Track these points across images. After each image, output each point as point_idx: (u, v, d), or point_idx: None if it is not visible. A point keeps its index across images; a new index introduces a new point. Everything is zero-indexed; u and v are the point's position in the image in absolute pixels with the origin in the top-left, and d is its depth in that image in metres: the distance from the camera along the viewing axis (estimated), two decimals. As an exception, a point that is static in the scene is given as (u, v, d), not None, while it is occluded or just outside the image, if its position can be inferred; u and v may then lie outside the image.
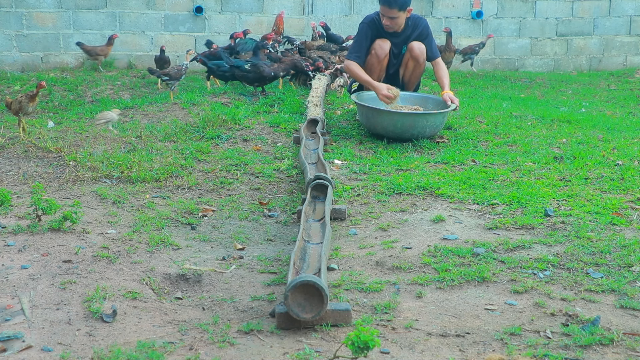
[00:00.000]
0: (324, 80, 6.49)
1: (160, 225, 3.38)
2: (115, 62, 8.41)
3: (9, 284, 2.55)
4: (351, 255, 3.01)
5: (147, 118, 5.76)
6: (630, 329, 2.26)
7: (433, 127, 4.95)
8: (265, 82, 6.37)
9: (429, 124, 4.91)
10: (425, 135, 4.95)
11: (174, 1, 8.49)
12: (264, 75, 6.27)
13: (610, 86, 8.59)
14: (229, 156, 4.63)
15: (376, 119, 4.98)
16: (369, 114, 5.04)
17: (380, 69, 5.39)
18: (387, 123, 4.93)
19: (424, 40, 5.40)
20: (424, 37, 5.40)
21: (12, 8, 8.04)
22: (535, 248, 2.99)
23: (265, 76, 6.27)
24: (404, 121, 4.90)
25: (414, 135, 4.91)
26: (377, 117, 4.97)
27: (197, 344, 2.16)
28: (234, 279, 2.77)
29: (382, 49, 5.32)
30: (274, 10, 8.75)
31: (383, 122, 4.95)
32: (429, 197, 3.77)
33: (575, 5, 9.67)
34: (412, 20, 5.36)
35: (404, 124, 4.89)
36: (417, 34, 5.37)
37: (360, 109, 5.20)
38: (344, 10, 8.94)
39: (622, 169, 4.18)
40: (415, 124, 4.88)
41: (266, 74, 6.26)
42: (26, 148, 4.70)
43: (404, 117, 4.91)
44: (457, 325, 2.32)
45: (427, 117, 4.92)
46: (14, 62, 8.10)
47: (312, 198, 3.50)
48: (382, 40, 5.33)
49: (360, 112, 5.21)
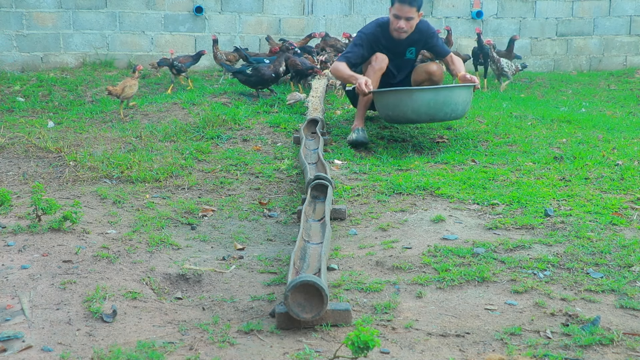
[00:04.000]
0: (324, 80, 6.49)
1: (160, 225, 3.38)
2: (115, 62, 8.40)
3: (9, 284, 2.55)
4: (351, 255, 3.01)
5: (147, 118, 5.76)
6: (630, 329, 2.26)
7: (465, 103, 4.70)
8: (267, 84, 6.41)
9: (461, 100, 4.66)
10: (457, 114, 4.71)
11: (174, 1, 8.49)
12: (265, 78, 6.31)
13: (610, 86, 8.59)
14: (229, 156, 4.63)
15: (406, 101, 4.62)
16: (397, 100, 4.66)
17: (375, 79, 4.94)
18: (419, 103, 4.59)
19: (431, 41, 5.11)
20: (429, 37, 5.08)
21: (12, 8, 8.03)
22: (535, 248, 2.99)
23: (267, 78, 6.31)
24: (437, 97, 4.59)
25: (447, 114, 4.66)
26: (407, 99, 4.62)
27: (197, 344, 2.16)
28: (234, 279, 2.77)
29: (379, 64, 4.97)
30: (274, 10, 8.76)
31: (414, 104, 4.59)
32: (429, 197, 3.77)
33: (575, 5, 9.67)
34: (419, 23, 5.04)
35: (437, 100, 4.59)
36: (418, 36, 5.02)
37: (381, 100, 4.80)
38: (344, 10, 8.94)
39: (622, 169, 4.18)
40: (448, 99, 4.60)
41: (267, 76, 6.30)
42: (26, 148, 4.70)
43: (436, 92, 4.63)
44: (457, 325, 2.32)
45: (459, 91, 4.67)
46: (14, 62, 8.10)
47: (312, 198, 3.50)
48: (381, 55, 4.99)
49: (383, 104, 4.80)
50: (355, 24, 8.91)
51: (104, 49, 8.40)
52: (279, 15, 8.80)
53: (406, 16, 4.84)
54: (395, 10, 4.87)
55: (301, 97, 6.08)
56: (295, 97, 6.10)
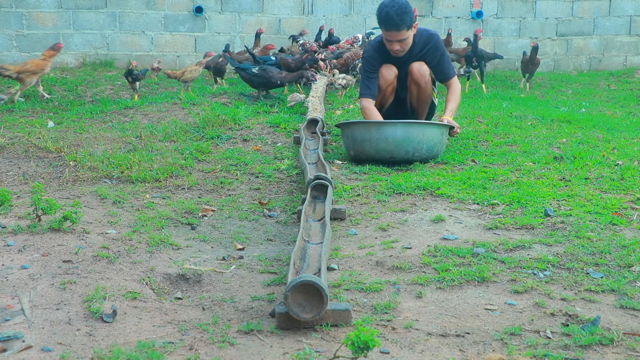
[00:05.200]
0: (324, 80, 6.50)
1: (160, 225, 3.38)
2: (115, 62, 8.41)
3: (9, 284, 2.55)
4: (351, 255, 3.01)
5: (147, 118, 5.76)
6: (630, 329, 2.26)
7: (430, 143, 4.41)
8: (270, 87, 6.43)
9: (425, 139, 4.39)
10: (422, 153, 4.42)
11: (174, 1, 8.49)
12: (271, 81, 6.32)
13: (610, 86, 8.59)
14: (229, 156, 4.63)
15: (364, 136, 4.41)
16: (354, 133, 4.47)
17: (382, 97, 4.85)
18: (376, 138, 4.38)
19: (435, 60, 4.79)
20: (433, 54, 4.78)
21: (12, 8, 8.04)
22: (535, 248, 2.99)
23: (273, 82, 6.33)
24: (396, 133, 4.35)
25: (409, 153, 4.39)
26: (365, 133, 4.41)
27: (197, 344, 2.16)
28: (234, 279, 2.77)
29: (385, 79, 4.78)
30: (274, 10, 8.76)
31: (373, 138, 4.39)
32: (429, 197, 3.77)
33: (575, 5, 9.67)
34: (420, 35, 4.76)
35: (396, 137, 4.35)
36: (425, 50, 4.77)
37: (343, 133, 4.61)
38: (344, 10, 8.94)
39: (622, 169, 4.18)
40: (408, 136, 4.35)
41: (274, 80, 6.31)
42: (26, 148, 4.70)
43: (395, 127, 4.37)
44: (457, 325, 2.32)
45: (423, 129, 4.41)
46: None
47: (312, 198, 3.50)
48: (386, 67, 4.79)
49: (345, 138, 4.60)
50: (355, 24, 8.92)
51: (104, 49, 8.40)
52: (279, 15, 8.80)
53: (398, 39, 4.59)
54: (385, 35, 4.64)
55: (301, 98, 6.14)
56: (296, 98, 6.17)
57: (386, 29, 4.57)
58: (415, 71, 4.76)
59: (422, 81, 4.77)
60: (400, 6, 4.48)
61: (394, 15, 4.48)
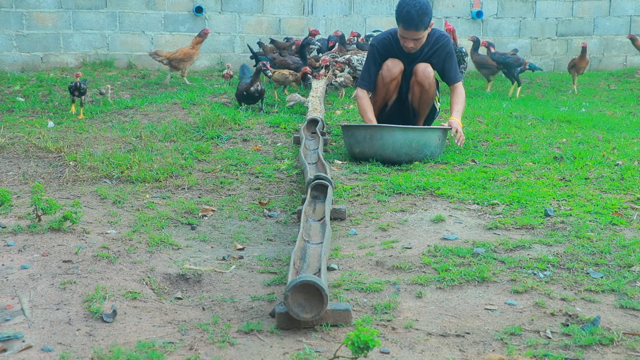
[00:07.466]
0: (324, 80, 6.50)
1: (160, 225, 3.38)
2: (115, 62, 8.41)
3: (9, 284, 2.55)
4: (351, 255, 3.01)
5: (147, 118, 5.76)
6: (630, 329, 2.26)
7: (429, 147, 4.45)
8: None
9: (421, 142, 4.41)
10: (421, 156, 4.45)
11: (174, 1, 8.49)
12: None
13: (610, 86, 8.60)
14: (229, 156, 4.63)
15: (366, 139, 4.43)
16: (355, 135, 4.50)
17: (386, 92, 4.81)
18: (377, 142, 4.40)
19: (442, 60, 4.75)
20: (442, 56, 4.73)
21: (12, 8, 8.04)
22: (535, 248, 2.99)
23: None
24: (395, 138, 4.37)
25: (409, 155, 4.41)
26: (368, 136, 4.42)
27: (197, 344, 2.16)
28: (234, 279, 2.77)
29: (390, 72, 4.72)
30: (274, 10, 8.76)
31: (374, 141, 4.40)
32: (429, 197, 3.77)
33: (575, 5, 9.67)
34: (432, 35, 4.70)
35: (395, 141, 4.38)
36: (435, 50, 4.72)
37: (345, 136, 4.65)
38: (344, 10, 8.94)
39: (622, 169, 4.18)
40: (407, 140, 4.38)
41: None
42: (26, 148, 4.70)
43: (392, 132, 4.38)
44: (457, 325, 2.32)
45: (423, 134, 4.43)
46: (14, 62, 8.11)
47: (312, 198, 3.50)
48: (393, 60, 4.73)
49: (347, 140, 4.63)
50: (355, 24, 8.91)
51: (104, 49, 8.40)
52: (279, 15, 8.80)
53: (414, 38, 4.57)
54: (401, 32, 4.59)
55: (301, 99, 6.12)
56: (295, 98, 6.15)
57: (404, 28, 4.53)
58: (420, 72, 4.72)
59: (426, 83, 4.72)
60: (421, 6, 4.46)
61: (414, 15, 4.45)
